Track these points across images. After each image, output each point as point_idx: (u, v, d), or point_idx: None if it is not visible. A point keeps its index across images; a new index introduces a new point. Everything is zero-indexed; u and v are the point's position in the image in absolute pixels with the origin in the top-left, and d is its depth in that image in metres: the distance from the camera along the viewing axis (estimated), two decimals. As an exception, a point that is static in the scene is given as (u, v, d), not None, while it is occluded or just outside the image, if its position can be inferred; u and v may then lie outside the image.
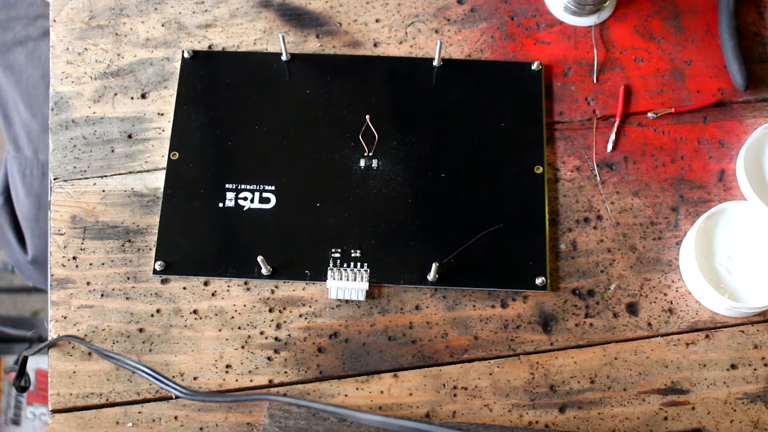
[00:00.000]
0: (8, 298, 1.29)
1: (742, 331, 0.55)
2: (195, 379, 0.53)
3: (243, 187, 0.57)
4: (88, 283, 0.55)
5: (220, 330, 0.54)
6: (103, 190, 0.58)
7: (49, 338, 0.54)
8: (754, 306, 0.53)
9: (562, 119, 0.60)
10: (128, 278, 0.55)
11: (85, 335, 0.54)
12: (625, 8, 0.63)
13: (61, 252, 0.56)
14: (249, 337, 0.54)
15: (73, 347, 0.54)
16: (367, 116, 0.58)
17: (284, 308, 0.55)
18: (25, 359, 0.54)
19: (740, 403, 0.53)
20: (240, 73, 0.60)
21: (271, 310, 0.55)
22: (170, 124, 0.59)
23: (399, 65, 0.61)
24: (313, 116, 0.59)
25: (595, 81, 0.61)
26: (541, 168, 0.58)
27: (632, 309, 0.55)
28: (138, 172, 0.58)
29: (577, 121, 0.60)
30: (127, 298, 0.55)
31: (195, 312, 0.54)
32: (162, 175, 0.58)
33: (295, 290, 0.55)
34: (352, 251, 0.55)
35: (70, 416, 0.52)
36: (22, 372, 0.54)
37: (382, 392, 0.53)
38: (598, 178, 0.58)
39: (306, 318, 0.54)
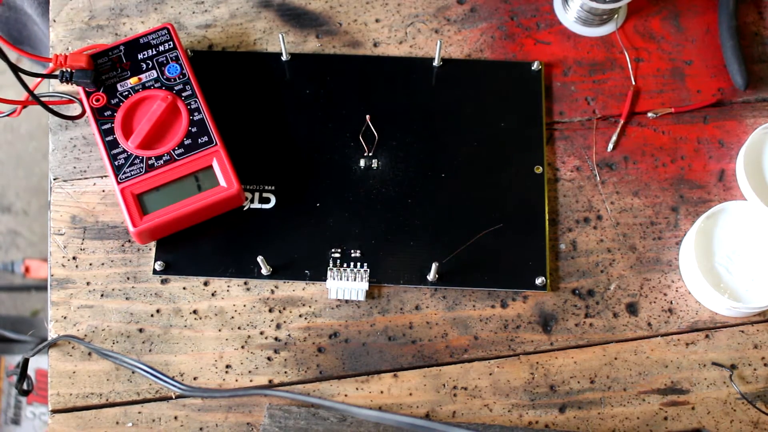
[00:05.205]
0: (8, 297, 1.29)
1: (742, 331, 0.55)
2: (195, 379, 0.53)
3: (243, 186, 0.57)
4: (88, 283, 0.55)
5: (220, 330, 0.54)
6: (103, 190, 0.58)
7: (49, 338, 0.54)
8: (754, 306, 0.53)
9: (561, 119, 0.60)
10: (128, 278, 0.55)
11: (85, 335, 0.54)
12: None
13: (61, 252, 0.56)
14: (249, 337, 0.54)
15: (73, 347, 0.54)
16: (367, 116, 0.58)
17: (284, 308, 0.55)
18: (26, 362, 0.54)
19: (740, 403, 0.53)
20: (240, 73, 0.60)
21: (271, 310, 0.55)
22: (170, 124, 0.59)
23: (399, 65, 0.61)
24: (313, 116, 0.59)
25: (633, 82, 0.60)
26: (541, 168, 0.58)
27: (632, 309, 0.55)
28: (138, 172, 0.58)
29: (577, 121, 0.60)
30: (127, 298, 0.55)
31: (195, 312, 0.54)
32: (162, 175, 0.58)
33: (295, 290, 0.55)
34: (352, 251, 0.55)
35: (70, 416, 0.52)
36: (23, 375, 0.54)
37: (382, 392, 0.53)
38: (598, 178, 0.58)
39: (306, 318, 0.54)
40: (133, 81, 0.56)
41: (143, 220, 0.53)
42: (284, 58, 0.61)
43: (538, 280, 0.55)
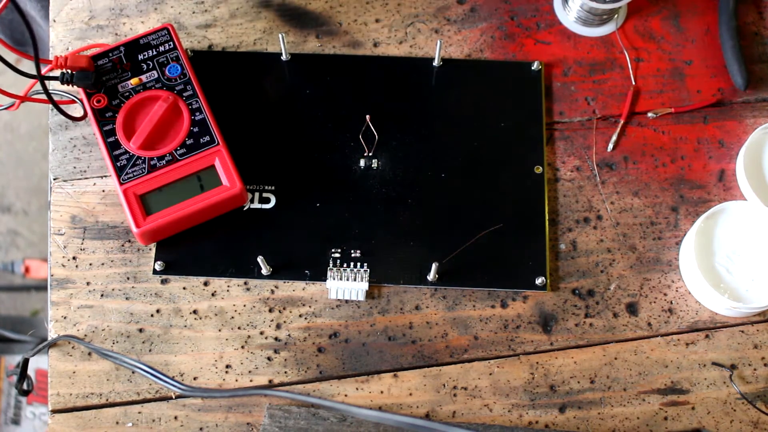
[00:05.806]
0: (8, 297, 1.29)
1: (742, 331, 0.55)
2: (195, 379, 0.53)
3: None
4: (88, 283, 0.55)
5: (220, 330, 0.54)
6: (103, 190, 0.58)
7: (49, 338, 0.54)
8: (754, 306, 0.53)
9: (562, 119, 0.60)
10: (128, 278, 0.55)
11: (85, 335, 0.54)
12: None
13: (61, 252, 0.56)
14: (249, 337, 0.54)
15: (73, 347, 0.54)
16: (367, 116, 0.58)
17: (284, 308, 0.55)
18: (26, 362, 0.54)
19: (740, 403, 0.53)
20: (240, 73, 0.60)
21: (271, 310, 0.55)
22: (170, 124, 0.59)
23: (399, 65, 0.61)
24: (313, 116, 0.59)
25: (633, 82, 0.60)
26: (541, 168, 0.58)
27: (632, 309, 0.55)
28: (138, 172, 0.58)
29: (577, 121, 0.60)
30: (127, 298, 0.55)
31: (195, 312, 0.55)
32: (162, 175, 0.58)
33: (295, 290, 0.55)
34: (352, 251, 0.55)
35: (70, 416, 0.52)
36: (23, 375, 0.54)
37: (382, 392, 0.53)
38: (598, 178, 0.59)
39: (306, 318, 0.54)
40: (133, 82, 0.56)
41: (146, 221, 0.53)
42: (284, 58, 0.61)
43: (538, 280, 0.55)
